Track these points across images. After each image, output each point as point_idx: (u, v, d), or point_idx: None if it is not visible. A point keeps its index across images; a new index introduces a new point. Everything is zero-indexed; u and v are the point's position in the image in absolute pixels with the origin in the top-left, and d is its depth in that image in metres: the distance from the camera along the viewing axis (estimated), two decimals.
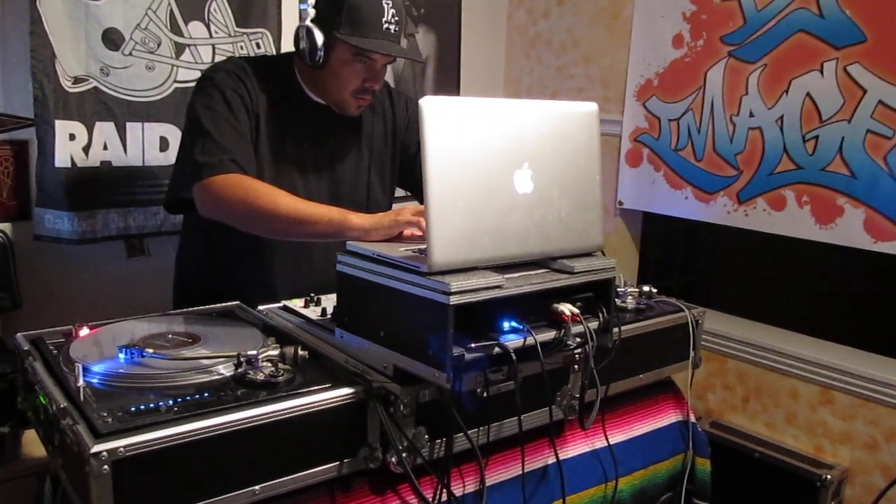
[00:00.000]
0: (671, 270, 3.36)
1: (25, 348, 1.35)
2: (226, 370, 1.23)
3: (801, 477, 2.33)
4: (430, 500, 1.25)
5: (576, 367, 1.43)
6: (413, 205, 1.57)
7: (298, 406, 1.13)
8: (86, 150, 2.21)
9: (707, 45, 2.58)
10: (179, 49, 2.36)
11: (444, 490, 1.25)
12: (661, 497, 1.71)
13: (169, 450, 1.01)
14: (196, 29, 2.39)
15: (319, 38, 1.71)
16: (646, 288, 1.79)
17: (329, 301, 1.59)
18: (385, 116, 1.99)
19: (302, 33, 1.74)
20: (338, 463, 1.18)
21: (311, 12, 1.73)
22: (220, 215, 1.67)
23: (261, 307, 1.62)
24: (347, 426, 1.19)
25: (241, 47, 2.48)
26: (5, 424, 1.80)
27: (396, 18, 1.74)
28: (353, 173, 1.93)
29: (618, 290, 1.73)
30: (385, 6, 1.72)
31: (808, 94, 2.32)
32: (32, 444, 1.82)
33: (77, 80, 2.17)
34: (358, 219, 1.47)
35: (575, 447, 1.54)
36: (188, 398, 1.12)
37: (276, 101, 1.80)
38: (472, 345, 1.15)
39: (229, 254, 1.84)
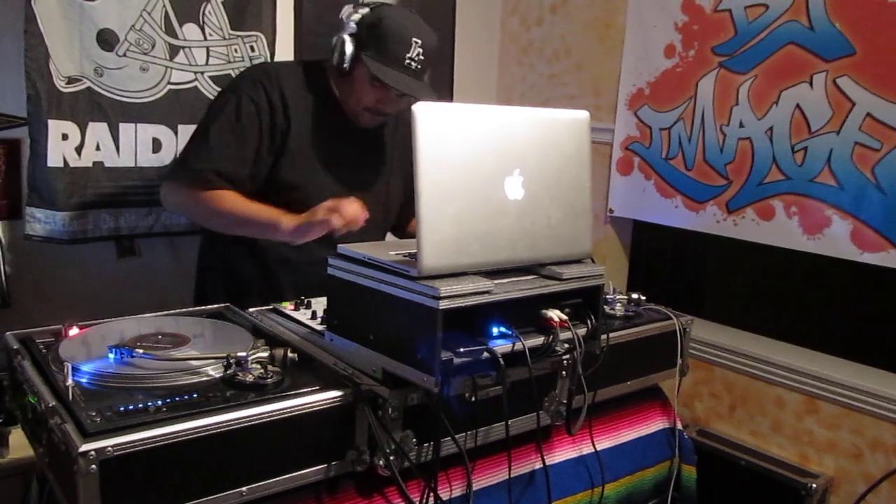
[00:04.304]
0: (661, 278, 3.37)
1: (15, 347, 1.35)
2: (215, 371, 1.23)
3: (786, 485, 2.34)
4: (417, 503, 1.25)
5: (563, 372, 1.44)
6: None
7: (287, 408, 1.14)
8: (78, 150, 2.21)
9: (698, 55, 2.60)
10: (174, 51, 2.36)
11: (431, 494, 1.26)
12: (647, 503, 1.73)
13: (157, 450, 1.02)
14: (190, 31, 2.39)
15: (349, 50, 1.82)
16: (634, 295, 1.81)
17: (319, 304, 1.59)
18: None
19: (337, 42, 1.85)
20: (325, 465, 1.19)
21: (353, 27, 1.83)
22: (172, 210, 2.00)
23: (251, 309, 1.63)
24: (335, 429, 1.19)
25: (236, 50, 2.49)
26: None
27: (422, 57, 1.81)
28: (375, 175, 2.02)
29: (606, 296, 1.74)
30: (414, 43, 1.79)
31: (797, 106, 2.34)
32: (20, 443, 1.81)
33: (71, 80, 2.17)
34: (287, 220, 1.67)
35: (562, 453, 1.55)
36: (177, 399, 1.12)
37: (308, 104, 1.90)
38: (461, 349, 1.16)
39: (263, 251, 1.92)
